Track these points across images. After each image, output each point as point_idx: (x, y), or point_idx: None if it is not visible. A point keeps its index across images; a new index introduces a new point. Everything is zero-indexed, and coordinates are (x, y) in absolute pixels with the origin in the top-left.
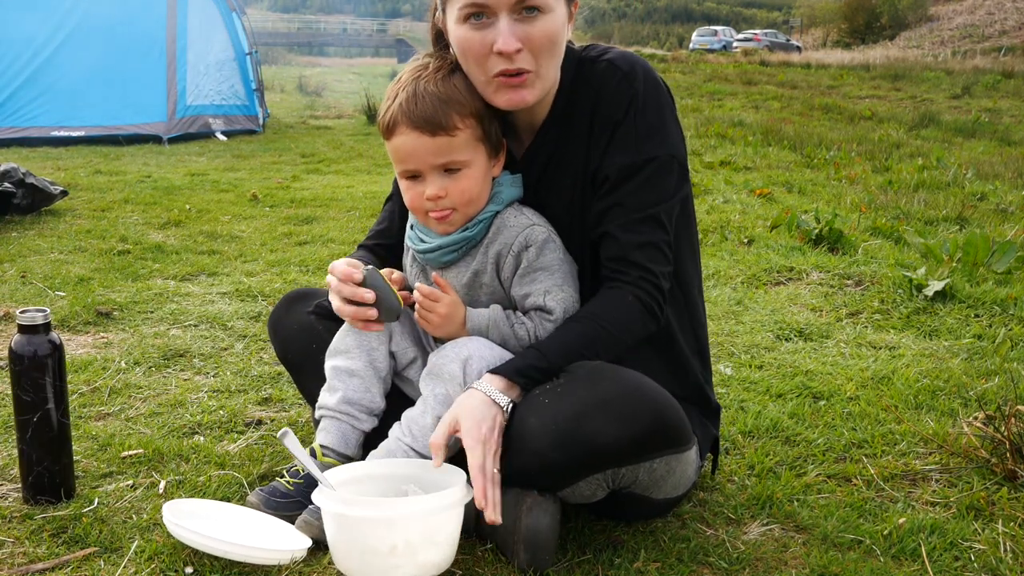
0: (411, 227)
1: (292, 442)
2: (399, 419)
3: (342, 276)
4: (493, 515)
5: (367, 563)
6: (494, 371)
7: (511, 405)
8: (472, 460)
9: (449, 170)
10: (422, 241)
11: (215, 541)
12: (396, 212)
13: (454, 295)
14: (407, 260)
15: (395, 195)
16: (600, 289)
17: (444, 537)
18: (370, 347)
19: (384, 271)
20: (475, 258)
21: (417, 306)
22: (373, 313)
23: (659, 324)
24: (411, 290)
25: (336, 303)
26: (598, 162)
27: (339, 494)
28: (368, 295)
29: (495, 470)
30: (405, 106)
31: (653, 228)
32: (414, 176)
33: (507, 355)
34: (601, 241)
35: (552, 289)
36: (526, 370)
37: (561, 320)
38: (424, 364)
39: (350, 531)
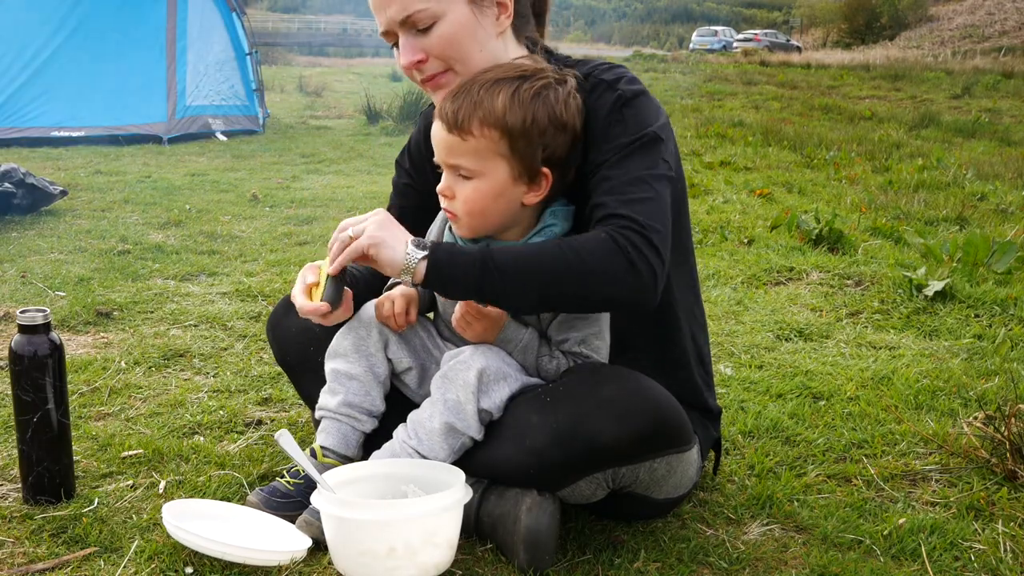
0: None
1: (290, 444)
2: (397, 418)
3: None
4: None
5: (366, 565)
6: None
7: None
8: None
9: (462, 175)
10: None
11: (214, 543)
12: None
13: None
14: None
15: (393, 200)
16: None
17: (443, 538)
18: (368, 352)
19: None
20: None
21: (460, 312)
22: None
23: (640, 277)
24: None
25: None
26: (594, 155)
27: (338, 496)
28: (323, 307)
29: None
30: (452, 94)
31: (642, 188)
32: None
33: (522, 370)
34: (591, 214)
35: (588, 338)
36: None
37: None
38: (419, 374)
39: (349, 534)
